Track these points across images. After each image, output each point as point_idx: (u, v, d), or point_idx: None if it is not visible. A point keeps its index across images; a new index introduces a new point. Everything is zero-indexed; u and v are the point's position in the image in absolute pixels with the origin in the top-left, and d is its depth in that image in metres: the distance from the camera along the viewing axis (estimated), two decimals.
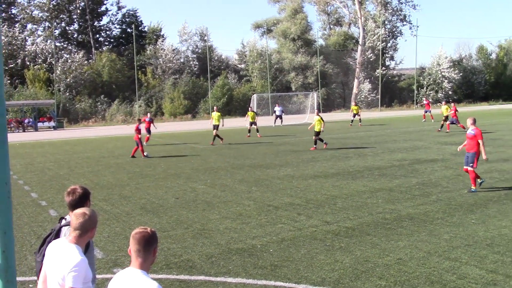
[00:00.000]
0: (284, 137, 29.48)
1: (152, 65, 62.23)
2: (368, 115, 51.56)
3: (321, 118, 22.58)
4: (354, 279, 6.81)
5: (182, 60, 66.24)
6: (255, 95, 45.24)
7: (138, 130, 20.99)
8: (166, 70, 62.50)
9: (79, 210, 3.78)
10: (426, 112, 39.00)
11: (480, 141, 12.23)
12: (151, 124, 26.73)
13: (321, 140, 22.63)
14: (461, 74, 70.95)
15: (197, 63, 66.08)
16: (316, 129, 22.49)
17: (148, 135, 26.26)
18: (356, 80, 69.13)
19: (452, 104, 32.24)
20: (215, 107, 30.54)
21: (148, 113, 30.01)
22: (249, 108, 32.87)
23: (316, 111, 24.88)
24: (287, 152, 21.83)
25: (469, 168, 12.21)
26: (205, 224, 9.96)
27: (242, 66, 69.29)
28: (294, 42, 68.58)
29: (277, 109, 40.17)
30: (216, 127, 26.67)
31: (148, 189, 13.94)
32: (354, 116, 38.20)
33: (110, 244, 8.75)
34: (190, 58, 67.12)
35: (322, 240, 8.64)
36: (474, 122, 12.60)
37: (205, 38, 67.07)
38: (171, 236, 9.13)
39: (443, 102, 34.99)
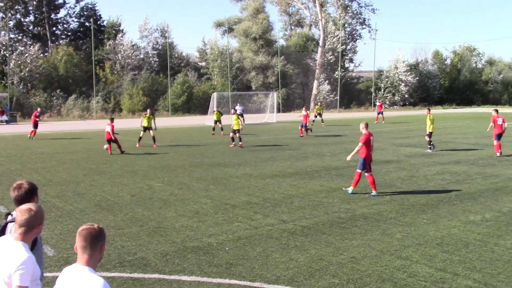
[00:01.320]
0: (243, 136, 29.48)
1: (111, 61, 61.12)
2: (326, 116, 52.19)
3: (238, 117, 23.98)
4: (308, 277, 6.88)
5: (142, 56, 65.36)
6: (215, 93, 45.09)
7: (112, 128, 21.10)
8: (125, 66, 61.51)
9: (24, 206, 3.67)
10: (378, 114, 40.00)
11: (359, 143, 12.35)
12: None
13: (240, 138, 23.52)
14: (417, 78, 72.78)
15: (157, 59, 65.32)
16: (236, 128, 23.54)
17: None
18: (316, 81, 69.89)
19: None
20: (232, 110, 27.87)
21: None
22: (216, 108, 32.56)
23: (233, 110, 27.09)
24: (246, 151, 21.85)
25: (366, 174, 12.28)
26: (161, 222, 9.85)
27: (203, 64, 68.96)
28: (255, 41, 68.74)
29: (238, 108, 40.16)
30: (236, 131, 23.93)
31: (103, 186, 13.68)
32: (315, 116, 38.67)
33: (62, 242, 8.54)
34: (150, 55, 66.29)
35: (278, 238, 8.69)
36: (366, 126, 12.58)
37: (166, 34, 66.39)
38: (125, 234, 9.00)
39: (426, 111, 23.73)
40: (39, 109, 31.70)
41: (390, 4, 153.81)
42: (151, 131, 24.61)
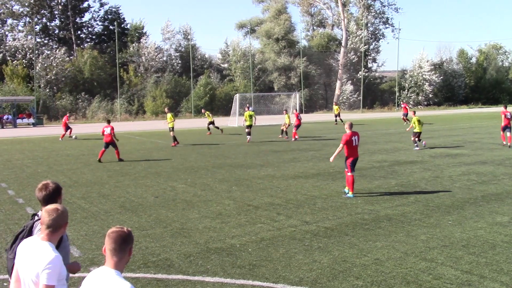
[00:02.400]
0: (266, 137, 29.51)
1: (135, 63, 61.83)
2: (350, 117, 51.87)
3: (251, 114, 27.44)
4: (332, 279, 6.85)
5: (164, 58, 65.94)
6: (237, 94, 45.22)
7: (113, 131, 19.73)
8: (148, 68, 62.16)
9: (51, 206, 3.74)
10: (404, 115, 39.19)
11: (341, 144, 12.23)
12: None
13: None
14: (441, 77, 71.85)
15: (180, 61, 65.84)
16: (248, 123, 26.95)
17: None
18: (338, 82, 69.55)
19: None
20: (247, 106, 31.15)
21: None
22: (246, 109, 32.31)
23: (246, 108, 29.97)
24: (268, 152, 21.86)
25: (348, 173, 12.12)
26: (184, 223, 9.92)
27: (225, 65, 69.25)
28: (277, 42, 68.75)
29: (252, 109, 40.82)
30: (248, 127, 27.09)
31: (127, 188, 13.84)
32: (335, 116, 38.80)
33: (87, 243, 8.66)
34: (173, 57, 66.86)
35: (301, 240, 8.67)
36: (350, 127, 12.39)
37: (189, 37, 66.87)
38: (149, 235, 9.08)
39: None
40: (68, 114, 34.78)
41: (414, 2, 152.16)
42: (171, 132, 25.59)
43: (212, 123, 32.89)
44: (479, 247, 8.09)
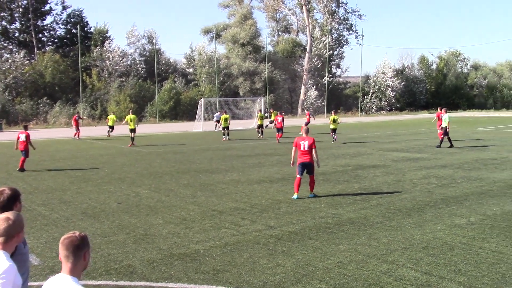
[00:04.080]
0: (231, 142, 29.51)
1: (98, 67, 60.90)
2: (314, 122, 52.37)
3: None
4: (295, 283, 6.89)
5: (129, 62, 65.22)
6: (202, 99, 45.09)
7: (28, 138, 18.37)
8: (112, 73, 61.34)
9: (3, 215, 3.64)
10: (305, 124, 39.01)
11: (293, 147, 12.98)
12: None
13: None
14: (403, 83, 73.39)
15: (144, 66, 65.23)
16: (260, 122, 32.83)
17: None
18: (303, 87, 70.19)
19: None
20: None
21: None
22: (224, 112, 34.97)
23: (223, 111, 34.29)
24: (233, 157, 21.86)
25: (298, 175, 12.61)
26: (148, 229, 9.82)
27: (190, 70, 68.97)
28: (243, 47, 68.94)
29: (216, 114, 41.94)
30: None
31: (90, 194, 13.60)
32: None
33: (47, 250, 8.47)
34: (138, 61, 66.18)
35: (265, 244, 8.70)
36: (306, 131, 12.92)
37: (153, 41, 66.33)
38: (112, 242, 8.95)
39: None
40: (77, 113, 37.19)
41: (377, 10, 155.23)
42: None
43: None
44: (438, 249, 8.29)
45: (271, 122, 39.38)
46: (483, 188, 13.72)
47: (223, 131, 31.77)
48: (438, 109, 28.33)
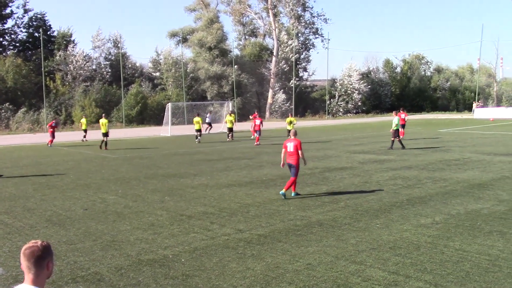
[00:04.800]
0: (199, 146, 29.37)
1: (62, 71, 59.74)
2: (283, 125, 52.63)
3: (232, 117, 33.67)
4: (265, 286, 6.90)
5: (94, 67, 64.20)
6: (170, 103, 44.73)
7: None
8: (77, 77, 60.25)
9: None
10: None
11: (283, 149, 13.48)
12: None
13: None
14: (369, 86, 74.44)
15: (110, 70, 64.33)
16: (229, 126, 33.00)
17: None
18: (270, 90, 70.46)
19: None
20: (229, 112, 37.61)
21: None
22: (230, 113, 35.87)
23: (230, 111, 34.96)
24: (201, 161, 21.76)
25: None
26: (115, 235, 9.67)
27: (157, 74, 68.37)
28: (210, 51, 68.75)
29: (208, 117, 42.91)
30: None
31: (54, 201, 13.32)
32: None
33: (10, 260, 8.25)
34: (103, 65, 65.22)
35: (235, 248, 8.68)
36: (293, 134, 13.59)
37: (119, 45, 65.53)
38: (78, 249, 8.78)
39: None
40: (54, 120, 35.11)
41: (342, 14, 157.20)
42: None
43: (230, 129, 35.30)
44: (404, 249, 8.43)
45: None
46: (447, 188, 14.03)
47: (196, 134, 32.06)
48: (400, 110, 30.88)
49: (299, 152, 12.94)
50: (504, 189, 13.70)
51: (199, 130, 32.08)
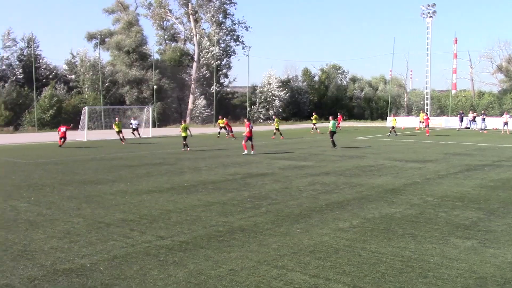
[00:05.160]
0: (118, 152, 28.58)
1: None
2: (203, 131, 52.48)
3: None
4: None
5: (4, 67, 60.75)
6: (86, 107, 43.23)
7: None
8: None
9: None
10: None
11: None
12: None
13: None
14: (289, 93, 76.01)
15: (22, 71, 61.13)
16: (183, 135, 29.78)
17: None
18: (191, 96, 70.06)
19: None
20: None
21: None
22: (220, 117, 34.33)
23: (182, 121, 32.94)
24: (120, 167, 21.18)
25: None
26: (28, 245, 9.16)
27: (72, 76, 65.85)
28: (128, 55, 67.29)
29: (133, 122, 41.86)
30: None
31: None
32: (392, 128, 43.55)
33: None
34: (15, 66, 61.88)
35: (156, 255, 8.51)
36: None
37: (32, 45, 62.47)
38: None
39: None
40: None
41: (263, 23, 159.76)
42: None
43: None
44: (324, 252, 8.66)
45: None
46: (363, 193, 14.59)
47: (184, 143, 29.36)
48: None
49: None
50: (415, 193, 14.46)
51: (185, 138, 29.38)
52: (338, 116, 54.60)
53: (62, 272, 7.62)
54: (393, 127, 43.29)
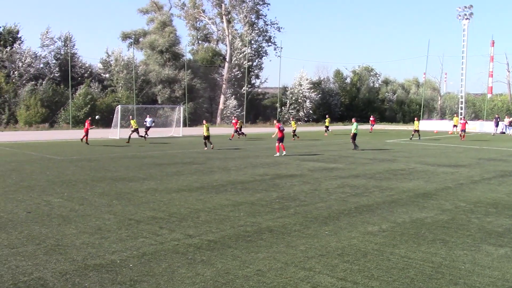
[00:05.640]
0: (149, 150, 28.96)
1: (7, 69, 57.60)
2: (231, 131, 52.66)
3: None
4: None
5: (41, 65, 62.27)
6: (119, 106, 43.91)
7: None
8: (23, 75, 58.23)
9: None
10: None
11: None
12: None
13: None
14: (319, 95, 75.67)
15: (58, 69, 62.55)
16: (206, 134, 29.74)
17: None
18: (222, 96, 70.44)
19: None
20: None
21: None
22: (205, 121, 32.45)
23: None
24: (151, 165, 21.45)
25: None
26: (60, 239, 9.37)
27: (107, 75, 67.02)
28: (161, 54, 68.09)
29: (148, 120, 40.10)
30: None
31: None
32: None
33: None
34: (52, 64, 63.36)
35: (184, 253, 8.59)
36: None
37: (69, 44, 63.85)
38: (20, 253, 8.45)
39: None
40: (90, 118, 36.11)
41: (295, 24, 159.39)
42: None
43: (136, 130, 36.29)
44: (352, 255, 8.58)
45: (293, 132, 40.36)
46: (393, 197, 14.41)
47: (205, 141, 29.89)
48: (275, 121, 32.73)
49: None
50: (447, 199, 14.20)
51: (207, 137, 29.92)
52: (371, 119, 54.42)
53: (93, 267, 7.77)
54: (416, 130, 41.95)
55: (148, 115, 41.89)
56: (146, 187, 15.61)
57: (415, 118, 44.19)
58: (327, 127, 49.29)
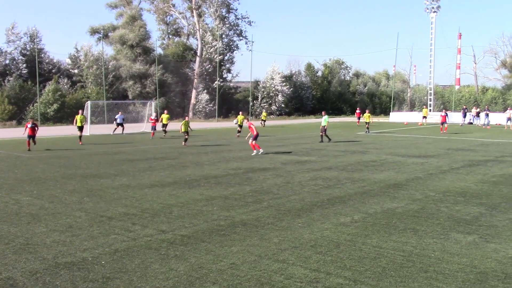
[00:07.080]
0: (120, 146, 28.62)
1: None
2: (205, 126, 52.51)
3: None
4: (189, 286, 6.84)
5: (8, 61, 60.79)
6: (89, 102, 43.23)
7: None
8: None
9: None
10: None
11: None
12: None
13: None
14: (291, 89, 75.89)
15: (25, 66, 61.15)
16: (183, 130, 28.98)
17: None
18: (194, 91, 70.02)
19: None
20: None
21: None
22: (240, 113, 34.27)
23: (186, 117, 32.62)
24: (123, 161, 21.22)
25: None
26: (30, 238, 9.20)
27: (76, 71, 65.84)
28: (132, 49, 67.22)
29: (119, 116, 39.60)
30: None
31: None
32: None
33: None
34: (18, 60, 61.90)
35: (157, 249, 8.54)
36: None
37: (35, 39, 62.48)
38: None
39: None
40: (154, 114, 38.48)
41: (266, 18, 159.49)
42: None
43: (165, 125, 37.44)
44: (325, 247, 8.67)
45: (240, 126, 36.79)
46: (365, 188, 14.59)
47: (186, 137, 29.33)
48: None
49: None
50: (417, 189, 14.45)
51: (186, 132, 29.39)
52: (357, 111, 53.81)
53: (64, 266, 7.66)
54: (367, 123, 40.39)
55: (119, 112, 41.38)
56: (118, 183, 15.45)
57: (366, 111, 43.74)
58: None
